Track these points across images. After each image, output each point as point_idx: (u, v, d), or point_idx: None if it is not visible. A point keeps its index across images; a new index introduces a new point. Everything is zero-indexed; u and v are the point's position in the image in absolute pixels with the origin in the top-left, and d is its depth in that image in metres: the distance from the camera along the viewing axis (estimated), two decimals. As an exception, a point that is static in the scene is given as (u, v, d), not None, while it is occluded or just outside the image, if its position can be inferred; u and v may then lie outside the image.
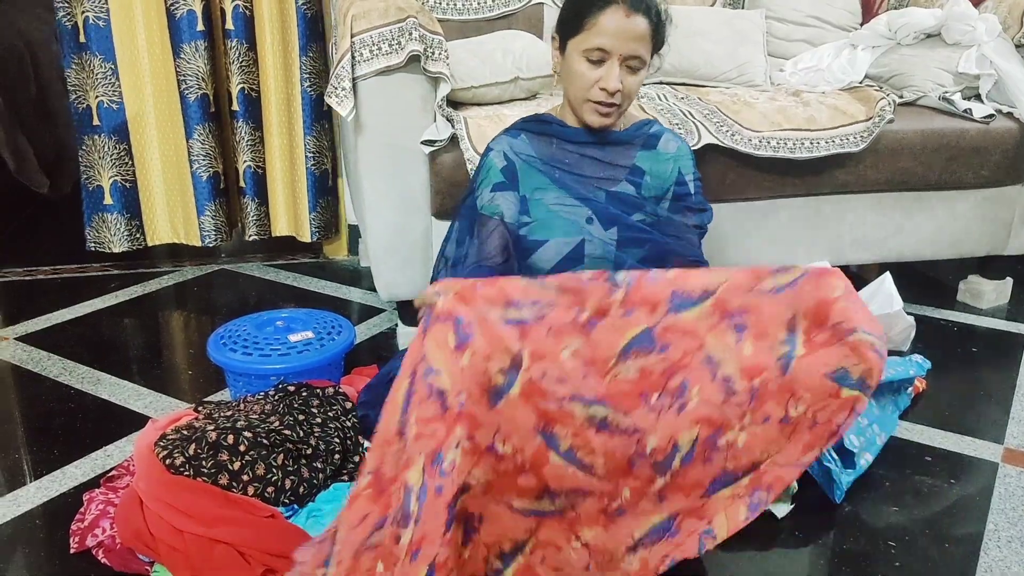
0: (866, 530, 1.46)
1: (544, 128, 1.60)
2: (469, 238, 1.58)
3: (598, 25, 1.46)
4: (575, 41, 1.50)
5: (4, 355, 2.05)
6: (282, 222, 2.67)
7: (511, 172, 1.58)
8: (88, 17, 2.38)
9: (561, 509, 1.21)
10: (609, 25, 1.46)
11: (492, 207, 1.56)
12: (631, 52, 1.47)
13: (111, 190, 2.52)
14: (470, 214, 1.59)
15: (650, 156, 1.60)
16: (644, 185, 1.59)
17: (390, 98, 1.85)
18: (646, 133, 1.62)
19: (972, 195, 2.24)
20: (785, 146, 2.02)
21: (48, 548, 1.38)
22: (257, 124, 2.56)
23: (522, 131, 1.61)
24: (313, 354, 1.76)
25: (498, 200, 1.56)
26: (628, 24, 1.46)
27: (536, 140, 1.60)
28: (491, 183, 1.57)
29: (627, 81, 1.49)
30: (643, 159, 1.60)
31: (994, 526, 1.48)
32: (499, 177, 1.57)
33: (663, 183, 1.60)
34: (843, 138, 2.05)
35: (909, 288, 2.16)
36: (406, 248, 1.96)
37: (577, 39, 1.49)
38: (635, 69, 1.50)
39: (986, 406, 1.89)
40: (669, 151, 1.61)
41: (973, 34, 2.22)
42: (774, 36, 2.51)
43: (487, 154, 1.60)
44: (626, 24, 1.45)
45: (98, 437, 1.69)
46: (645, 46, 1.48)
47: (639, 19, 1.46)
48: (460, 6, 2.33)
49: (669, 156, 1.61)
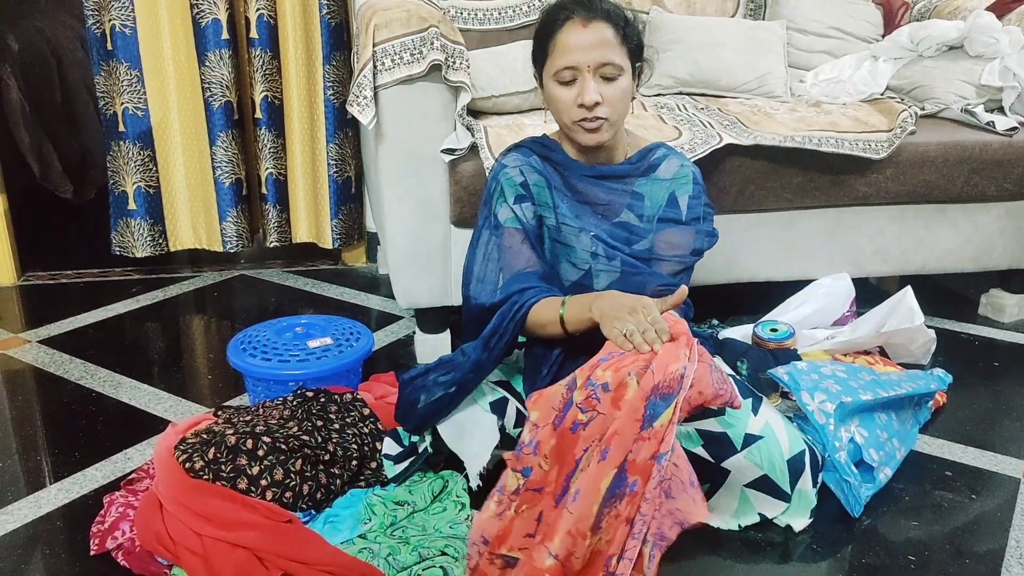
0: (885, 544, 1.45)
1: (548, 153, 1.57)
2: (499, 255, 1.52)
3: (559, 44, 1.44)
4: (546, 68, 1.48)
5: (27, 358, 2.08)
6: (303, 228, 2.69)
7: (527, 187, 1.54)
8: (115, 25, 2.41)
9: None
10: (569, 41, 1.43)
11: (514, 219, 1.53)
12: (600, 60, 1.43)
13: (135, 195, 2.55)
14: (492, 231, 1.54)
15: (648, 181, 1.57)
16: (644, 210, 1.56)
17: (411, 107, 1.86)
18: (648, 162, 1.58)
19: (995, 208, 2.22)
20: (811, 140, 1.99)
21: (68, 550, 1.39)
22: (280, 132, 2.59)
23: (534, 153, 1.57)
24: (331, 360, 1.77)
25: (519, 213, 1.52)
26: (588, 34, 1.42)
27: (542, 162, 1.57)
28: (513, 195, 1.53)
29: (606, 91, 1.45)
30: (641, 184, 1.57)
31: (1016, 542, 1.46)
32: (519, 190, 1.53)
33: (658, 205, 1.57)
34: (866, 142, 2.04)
35: (930, 301, 2.14)
36: (425, 256, 1.96)
37: (546, 65, 1.48)
38: (611, 78, 1.45)
39: (1008, 421, 1.87)
40: (666, 175, 1.57)
41: (996, 46, 2.21)
42: (795, 47, 2.51)
43: (501, 170, 1.55)
44: (585, 34, 1.42)
45: (118, 440, 1.71)
46: (615, 51, 1.44)
47: (599, 25, 1.43)
48: (481, 16, 2.34)
49: (666, 180, 1.57)
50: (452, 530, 1.42)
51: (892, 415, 1.69)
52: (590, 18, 1.43)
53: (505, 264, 1.51)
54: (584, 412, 1.22)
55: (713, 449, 1.46)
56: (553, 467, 1.24)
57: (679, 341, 1.27)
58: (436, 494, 1.51)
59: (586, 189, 1.56)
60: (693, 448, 1.48)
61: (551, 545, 1.19)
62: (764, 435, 1.44)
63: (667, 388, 1.21)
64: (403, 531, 1.41)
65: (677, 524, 1.27)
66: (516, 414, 1.48)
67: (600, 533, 1.20)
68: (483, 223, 1.56)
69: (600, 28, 1.43)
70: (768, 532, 1.46)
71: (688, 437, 1.49)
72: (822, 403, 1.55)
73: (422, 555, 1.34)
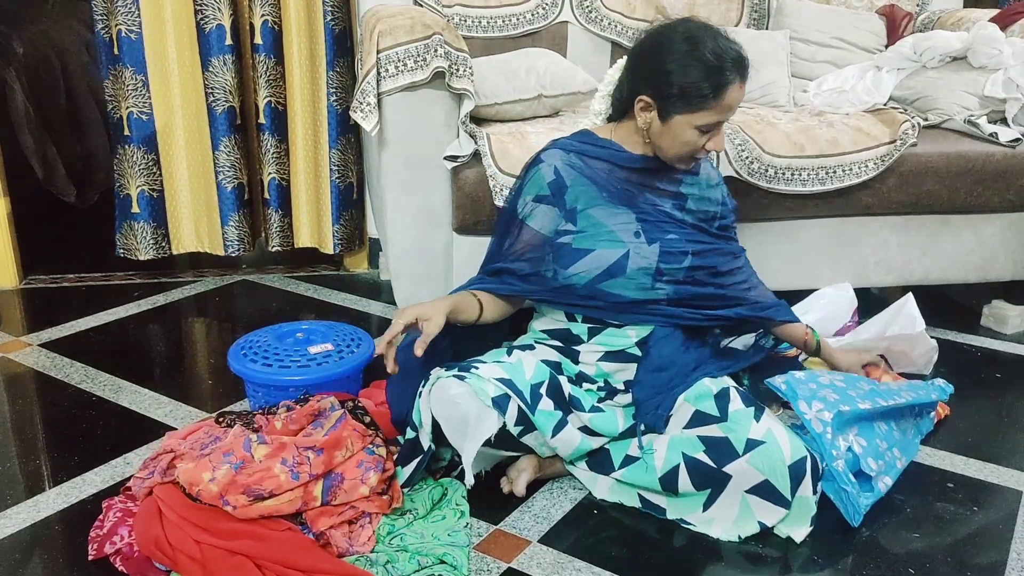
0: (886, 556, 1.45)
1: (599, 152, 1.61)
2: (505, 238, 1.64)
3: (721, 104, 1.49)
4: (689, 117, 1.50)
5: (28, 361, 2.08)
6: (305, 234, 2.70)
7: (558, 187, 1.59)
8: (121, 30, 2.42)
9: None
10: (734, 102, 1.51)
11: (530, 216, 1.60)
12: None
13: (139, 199, 2.56)
14: (509, 216, 1.64)
15: (694, 182, 1.66)
16: (687, 209, 1.65)
17: (414, 114, 1.86)
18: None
19: (998, 219, 2.22)
20: (799, 178, 2.03)
21: (66, 555, 1.39)
22: (283, 137, 2.59)
23: (574, 151, 1.61)
24: (332, 366, 1.76)
25: (537, 212, 1.59)
26: (742, 94, 1.52)
27: (588, 160, 1.61)
28: (535, 193, 1.60)
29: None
30: (687, 185, 1.66)
31: (1017, 554, 1.46)
32: (544, 190, 1.59)
33: (708, 208, 1.67)
34: (860, 165, 2.05)
35: (932, 312, 2.14)
36: (426, 262, 1.96)
37: (693, 116, 1.50)
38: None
39: (1010, 433, 1.87)
40: (712, 179, 1.69)
41: (1000, 58, 2.20)
42: (798, 57, 2.51)
43: (537, 164, 1.61)
44: (740, 95, 1.52)
45: (118, 445, 1.71)
46: None
47: (746, 85, 1.53)
48: (485, 24, 2.35)
49: (714, 184, 1.69)
50: (451, 538, 1.42)
51: (892, 424, 1.68)
52: (745, 79, 1.52)
53: (507, 246, 1.63)
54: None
55: (714, 454, 1.46)
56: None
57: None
58: (436, 502, 1.51)
59: (632, 181, 1.62)
60: (695, 453, 1.48)
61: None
62: (766, 440, 1.44)
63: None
64: (401, 539, 1.41)
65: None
66: (518, 412, 1.48)
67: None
68: (508, 204, 1.67)
69: (746, 88, 1.53)
70: (768, 543, 1.45)
71: (690, 442, 1.49)
72: (819, 412, 1.55)
73: (421, 563, 1.34)
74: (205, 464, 1.38)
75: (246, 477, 1.36)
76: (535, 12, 2.39)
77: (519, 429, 1.49)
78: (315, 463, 1.41)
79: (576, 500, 1.57)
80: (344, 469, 1.45)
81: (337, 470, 1.44)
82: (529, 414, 1.49)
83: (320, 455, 1.42)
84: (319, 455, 1.42)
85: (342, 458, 1.45)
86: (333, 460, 1.44)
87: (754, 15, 2.60)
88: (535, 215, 1.60)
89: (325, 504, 1.40)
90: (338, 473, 1.43)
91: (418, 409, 1.51)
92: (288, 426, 1.52)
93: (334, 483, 1.42)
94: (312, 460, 1.41)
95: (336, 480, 1.42)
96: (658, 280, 1.61)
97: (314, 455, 1.42)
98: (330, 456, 1.43)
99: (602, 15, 2.44)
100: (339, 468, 1.44)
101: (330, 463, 1.43)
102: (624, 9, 2.46)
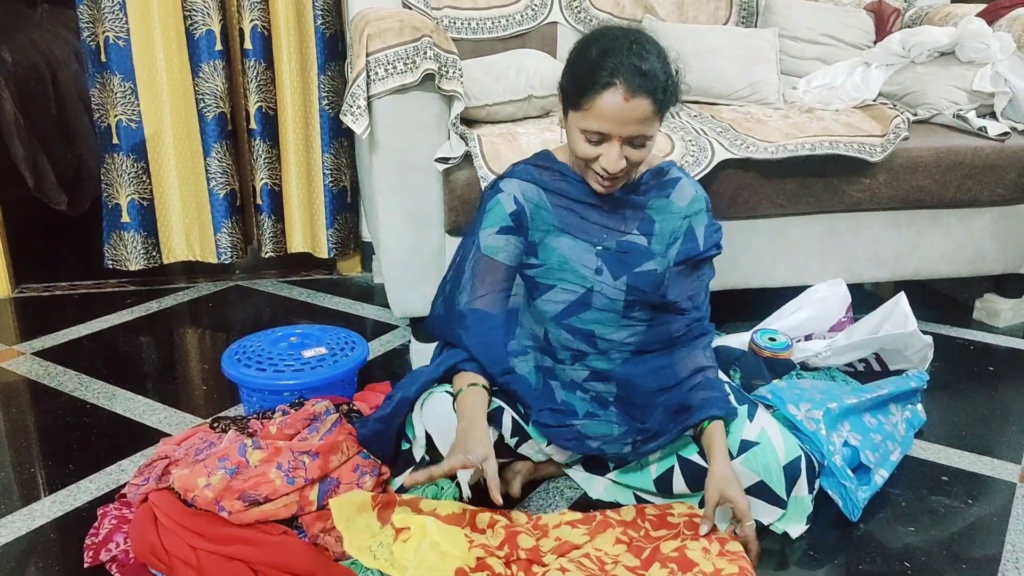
0: (882, 550, 1.45)
1: (552, 177, 1.55)
2: (469, 273, 1.53)
3: (595, 108, 1.36)
4: (574, 116, 1.41)
5: (21, 370, 2.07)
6: (298, 239, 2.69)
7: (519, 217, 1.53)
8: (109, 37, 2.41)
9: None
10: (607, 110, 1.35)
11: (493, 248, 1.52)
12: (632, 134, 1.38)
13: (128, 208, 2.55)
14: (472, 249, 1.54)
15: (663, 206, 1.56)
16: (655, 234, 1.55)
17: (404, 116, 1.86)
18: (660, 181, 1.57)
19: (988, 213, 2.23)
20: (804, 147, 1.99)
21: (62, 562, 1.38)
22: (274, 142, 2.59)
23: (530, 180, 1.54)
24: (327, 370, 1.76)
25: (500, 243, 1.52)
26: (628, 108, 1.34)
27: (546, 193, 1.54)
28: (497, 225, 1.52)
29: (632, 155, 1.42)
30: (655, 209, 1.56)
31: (1012, 547, 1.46)
32: (506, 221, 1.52)
33: (673, 233, 1.56)
34: (861, 144, 2.04)
35: (924, 306, 2.15)
36: (419, 265, 1.96)
37: (576, 115, 1.40)
38: (640, 144, 1.41)
39: (1003, 425, 1.87)
40: (681, 203, 1.56)
41: (987, 52, 2.22)
42: (787, 54, 2.52)
43: (497, 193, 1.54)
44: (625, 108, 1.34)
45: (113, 452, 1.70)
46: (648, 125, 1.38)
47: (640, 102, 1.34)
48: (474, 25, 2.35)
49: (682, 208, 1.56)
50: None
51: (880, 418, 1.69)
52: (636, 92, 1.34)
53: (469, 287, 1.52)
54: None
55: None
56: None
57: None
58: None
59: (594, 207, 1.54)
60: (689, 455, 1.48)
61: None
62: (760, 441, 1.44)
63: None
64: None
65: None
66: (512, 424, 1.48)
67: None
68: (469, 233, 1.57)
69: (640, 104, 1.35)
70: (765, 539, 1.45)
71: (684, 444, 1.49)
72: (809, 411, 1.56)
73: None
74: (200, 470, 1.38)
75: (241, 482, 1.36)
76: (524, 13, 2.39)
77: (515, 440, 1.49)
78: (311, 468, 1.41)
79: (572, 500, 1.57)
80: (340, 473, 1.45)
81: (333, 474, 1.44)
82: (524, 424, 1.49)
83: (316, 459, 1.42)
84: (315, 459, 1.42)
85: (338, 462, 1.45)
86: (329, 464, 1.43)
87: (743, 13, 2.60)
88: (499, 248, 1.52)
89: (321, 508, 1.40)
90: (334, 478, 1.43)
91: (411, 423, 1.50)
92: (283, 431, 1.52)
93: (330, 487, 1.42)
94: (308, 465, 1.41)
95: (332, 484, 1.42)
96: (628, 314, 1.54)
97: (310, 459, 1.41)
98: (326, 460, 1.43)
99: (591, 15, 2.44)
100: (335, 472, 1.44)
101: (326, 467, 1.43)
102: (613, 9, 2.46)
